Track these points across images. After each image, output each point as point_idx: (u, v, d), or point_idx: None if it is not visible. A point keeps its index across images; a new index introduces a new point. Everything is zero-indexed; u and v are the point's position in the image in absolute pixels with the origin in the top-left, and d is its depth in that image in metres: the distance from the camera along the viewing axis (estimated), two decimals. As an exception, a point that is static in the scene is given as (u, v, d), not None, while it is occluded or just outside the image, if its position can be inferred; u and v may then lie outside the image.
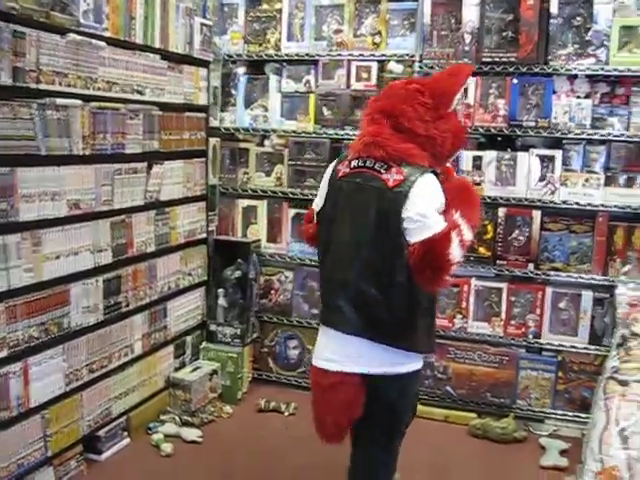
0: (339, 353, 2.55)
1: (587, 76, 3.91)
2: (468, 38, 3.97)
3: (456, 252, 2.34)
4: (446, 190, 2.48)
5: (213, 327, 4.32)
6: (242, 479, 3.39)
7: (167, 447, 3.58)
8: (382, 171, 2.45)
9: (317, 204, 2.71)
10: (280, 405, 4.12)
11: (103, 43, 3.26)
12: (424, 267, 2.33)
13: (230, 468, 3.48)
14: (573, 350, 4.00)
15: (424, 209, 2.37)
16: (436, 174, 2.49)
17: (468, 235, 2.42)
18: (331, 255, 2.60)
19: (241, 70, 4.46)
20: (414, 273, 2.37)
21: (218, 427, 3.92)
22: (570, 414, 4.03)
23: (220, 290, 4.34)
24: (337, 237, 2.57)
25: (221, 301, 4.34)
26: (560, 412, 4.05)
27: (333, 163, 2.68)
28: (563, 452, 3.74)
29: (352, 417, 2.61)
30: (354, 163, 2.54)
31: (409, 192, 2.37)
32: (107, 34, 3.30)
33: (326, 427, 2.65)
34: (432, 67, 4.00)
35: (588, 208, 3.89)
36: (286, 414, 4.09)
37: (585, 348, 3.98)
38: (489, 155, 3.97)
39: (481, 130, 3.98)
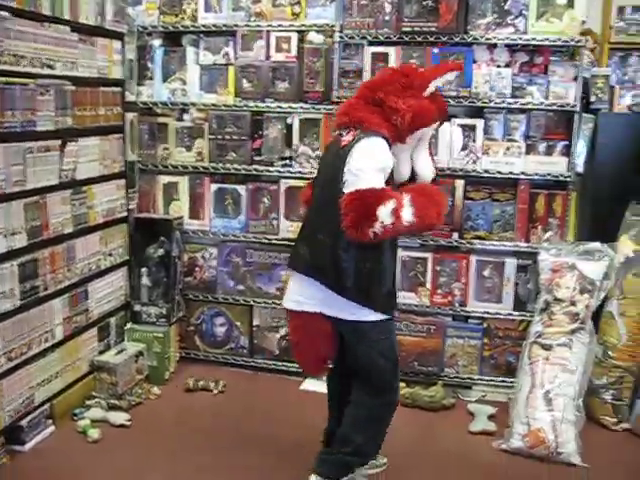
0: (303, 295, 2.88)
1: (506, 45, 3.93)
2: (388, 7, 3.93)
3: (385, 214, 2.57)
4: (411, 187, 2.79)
5: (137, 307, 4.22)
6: (172, 461, 3.32)
7: (94, 433, 3.49)
8: (343, 134, 2.80)
9: None
10: (209, 384, 4.07)
11: (7, 14, 3.09)
12: (347, 213, 2.61)
13: (160, 450, 3.41)
14: (498, 317, 4.07)
15: (362, 164, 2.66)
16: (386, 140, 2.73)
17: (407, 216, 2.63)
18: (308, 210, 3.00)
19: (157, 42, 4.31)
20: (342, 219, 2.62)
21: (146, 409, 3.84)
22: (497, 379, 4.12)
23: (143, 269, 4.23)
24: (313, 194, 2.98)
25: (144, 280, 4.23)
26: (487, 378, 4.12)
27: None
28: (491, 417, 3.80)
29: (325, 354, 3.00)
30: (334, 133, 2.94)
31: (351, 150, 2.68)
32: (12, 4, 3.13)
33: (302, 362, 3.11)
34: (352, 37, 3.96)
35: (510, 176, 3.94)
36: (215, 392, 4.04)
37: (509, 314, 4.05)
38: (411, 125, 3.96)
39: (403, 101, 3.96)
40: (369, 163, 2.67)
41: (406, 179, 2.97)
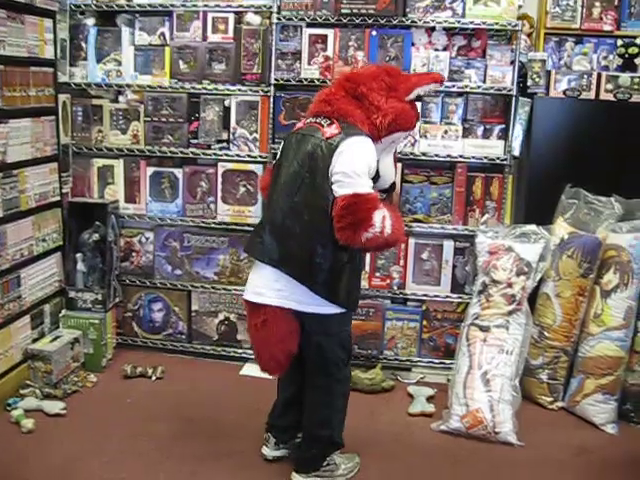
0: (267, 287, 2.80)
1: (444, 29, 3.95)
2: (327, -12, 3.90)
3: (378, 220, 2.62)
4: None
5: (72, 294, 4.12)
6: (109, 449, 3.26)
7: (28, 423, 3.38)
8: (324, 124, 2.76)
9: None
10: (147, 370, 4.01)
11: None
12: (345, 215, 2.61)
13: (97, 439, 3.34)
14: (436, 299, 4.10)
15: (358, 167, 2.66)
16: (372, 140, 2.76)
17: (388, 227, 2.65)
18: (269, 196, 2.89)
19: (90, 21, 4.19)
20: (335, 221, 2.64)
21: (83, 397, 3.76)
22: (436, 361, 4.16)
23: (78, 255, 4.13)
24: (277, 180, 2.85)
25: (80, 266, 4.14)
26: (426, 360, 4.16)
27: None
28: (430, 399, 3.83)
29: (288, 352, 2.86)
30: (309, 120, 2.86)
31: (340, 145, 2.67)
32: None
33: (264, 362, 2.91)
34: (290, 19, 3.91)
35: (447, 160, 3.96)
36: (153, 378, 3.98)
37: (448, 297, 4.09)
38: (350, 108, 3.94)
39: (341, 83, 3.94)
40: (363, 166, 2.69)
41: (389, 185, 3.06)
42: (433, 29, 3.94)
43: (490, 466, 3.26)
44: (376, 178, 2.85)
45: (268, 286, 2.81)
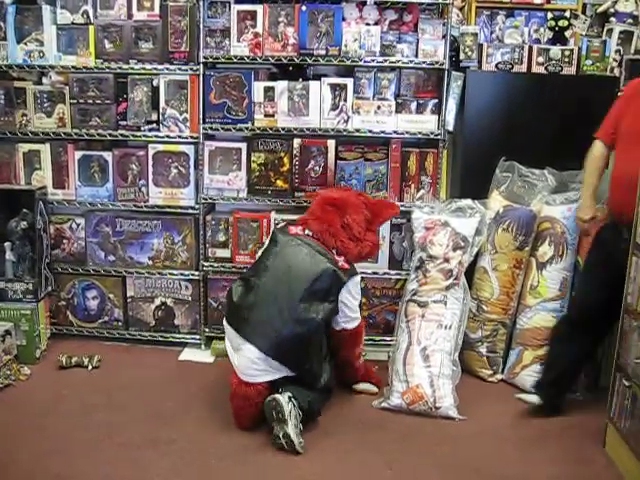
0: (260, 367, 3.17)
1: (375, 3, 3.91)
2: (255, -36, 3.82)
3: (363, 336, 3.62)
4: None
5: (2, 284, 3.99)
6: (45, 444, 3.15)
7: (-43, 419, 3.29)
8: (334, 252, 3.38)
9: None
10: (83, 359, 3.92)
11: None
12: (346, 342, 3.49)
13: (30, 434, 3.24)
14: (375, 276, 4.09)
15: (357, 304, 3.46)
16: None
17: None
18: (264, 289, 3.25)
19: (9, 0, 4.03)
20: (340, 346, 3.49)
21: (16, 391, 3.66)
22: (376, 338, 4.16)
23: (6, 244, 4.00)
24: (273, 278, 3.27)
25: (8, 255, 4.00)
26: (367, 337, 4.10)
27: (283, 224, 3.70)
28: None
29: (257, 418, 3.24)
30: (308, 232, 3.42)
31: (349, 283, 3.34)
32: None
33: (240, 422, 3.28)
34: (218, -6, 3.82)
35: (381, 135, 3.93)
36: (90, 368, 3.90)
37: (386, 273, 4.08)
38: (281, 85, 3.90)
39: (271, 60, 3.88)
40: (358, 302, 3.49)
41: None
42: (364, 3, 3.90)
43: (432, 441, 3.27)
44: None
45: (261, 367, 3.19)
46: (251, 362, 3.17)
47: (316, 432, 3.29)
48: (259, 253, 3.51)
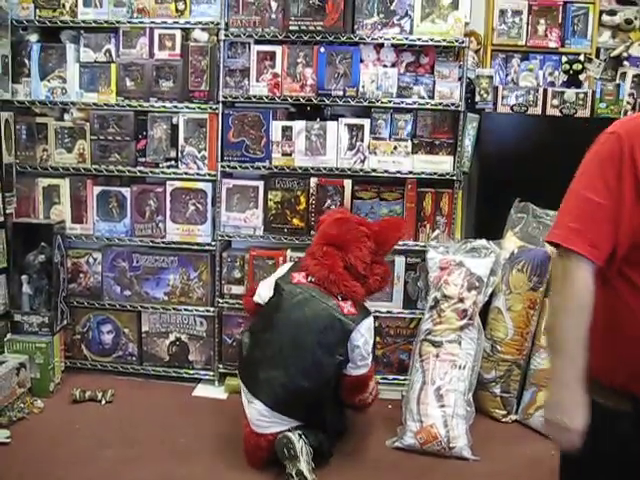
0: (272, 419, 3.15)
1: (393, 45, 3.96)
2: (274, 5, 3.88)
3: (371, 386, 3.43)
4: None
5: (18, 317, 4.01)
6: (58, 478, 3.15)
7: (-29, 452, 3.29)
8: (339, 298, 3.20)
9: (260, 295, 3.38)
10: (96, 394, 3.92)
11: None
12: (348, 389, 3.30)
13: (42, 468, 3.23)
14: (389, 315, 4.09)
15: (369, 349, 3.24)
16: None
17: (374, 391, 3.54)
18: (269, 344, 3.19)
19: (34, 38, 4.11)
20: (345, 394, 3.32)
21: (29, 424, 3.65)
22: (389, 377, 4.14)
23: (24, 277, 4.03)
24: (278, 332, 3.17)
25: (25, 288, 4.03)
26: (380, 376, 4.12)
27: (286, 267, 3.49)
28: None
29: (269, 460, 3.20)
30: (311, 278, 3.25)
31: (358, 327, 3.15)
32: None
33: (252, 463, 3.25)
34: (238, 35, 3.89)
35: (397, 175, 3.96)
36: (103, 402, 3.89)
37: (400, 313, 4.08)
38: (299, 125, 3.95)
39: (290, 100, 3.93)
40: (372, 345, 3.32)
41: None
42: (381, 46, 3.95)
43: (445, 482, 3.26)
44: None
45: (268, 419, 3.16)
46: (260, 415, 3.17)
47: (328, 471, 3.27)
48: (263, 295, 3.40)
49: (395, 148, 3.95)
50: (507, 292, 3.80)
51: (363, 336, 3.18)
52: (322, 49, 3.88)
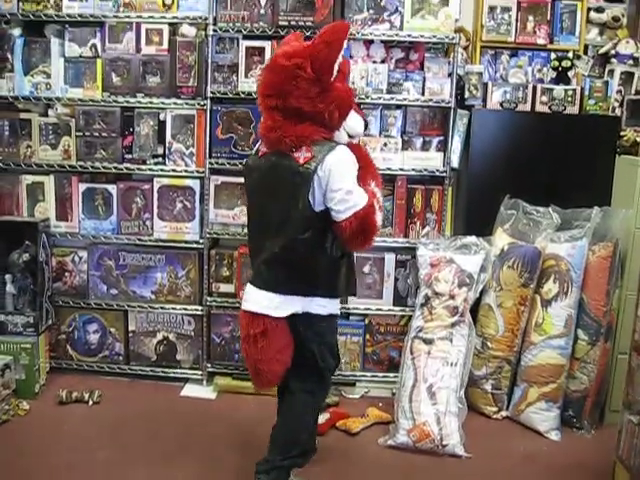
0: (266, 298, 2.79)
1: (382, 41, 3.95)
2: (264, 1, 3.86)
3: (379, 217, 2.75)
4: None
5: (2, 317, 3.94)
6: (44, 481, 3.11)
7: (-45, 456, 3.22)
8: (293, 150, 2.67)
9: None
10: (83, 394, 3.86)
11: None
12: (357, 236, 2.68)
13: (28, 471, 3.18)
14: (379, 312, 4.08)
15: (348, 186, 2.66)
16: (333, 141, 2.74)
17: (381, 198, 2.83)
18: (251, 225, 2.95)
19: (17, 31, 4.01)
20: (346, 242, 2.73)
21: (15, 426, 3.59)
22: (380, 375, 4.13)
23: (7, 276, 3.96)
24: (255, 209, 2.91)
25: (9, 288, 3.96)
26: (370, 374, 4.13)
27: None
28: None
29: (285, 363, 2.87)
30: (264, 148, 2.82)
31: (320, 168, 2.64)
32: None
33: (262, 377, 2.87)
34: (227, 30, 3.85)
35: (387, 172, 3.94)
36: (90, 403, 3.84)
37: (390, 310, 4.07)
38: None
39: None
40: (351, 178, 2.70)
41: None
42: (371, 42, 3.94)
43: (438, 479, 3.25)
44: None
45: (268, 298, 2.80)
46: (257, 291, 2.85)
47: (322, 469, 3.24)
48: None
49: (385, 145, 3.93)
50: (498, 289, 3.80)
51: (326, 176, 2.64)
52: (312, 44, 3.84)
